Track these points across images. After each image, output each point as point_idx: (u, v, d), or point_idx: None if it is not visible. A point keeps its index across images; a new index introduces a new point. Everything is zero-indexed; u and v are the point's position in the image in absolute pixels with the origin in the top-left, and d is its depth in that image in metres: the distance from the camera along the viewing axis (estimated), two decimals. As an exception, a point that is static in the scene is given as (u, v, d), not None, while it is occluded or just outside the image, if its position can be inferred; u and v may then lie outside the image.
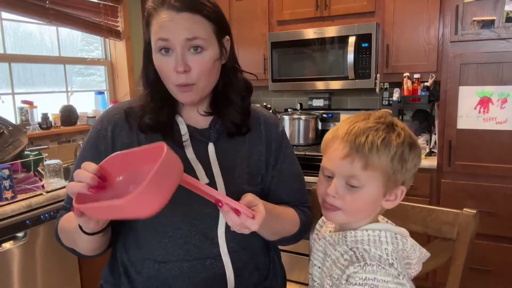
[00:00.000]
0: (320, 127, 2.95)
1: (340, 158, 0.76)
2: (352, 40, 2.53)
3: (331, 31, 2.62)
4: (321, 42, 2.66)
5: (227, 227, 0.87)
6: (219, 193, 0.77)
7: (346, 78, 2.61)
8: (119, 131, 0.91)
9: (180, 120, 0.93)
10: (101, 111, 2.96)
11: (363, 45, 2.53)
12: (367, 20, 2.55)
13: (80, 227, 0.76)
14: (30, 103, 2.58)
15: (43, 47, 2.79)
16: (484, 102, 2.09)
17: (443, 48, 2.27)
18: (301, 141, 2.88)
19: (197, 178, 0.86)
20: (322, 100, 3.07)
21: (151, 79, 0.90)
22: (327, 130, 2.99)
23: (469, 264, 0.99)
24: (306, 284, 1.52)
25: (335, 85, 2.68)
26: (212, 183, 0.88)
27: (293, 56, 2.77)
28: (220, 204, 0.75)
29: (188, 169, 0.87)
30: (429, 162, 2.28)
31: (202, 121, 0.94)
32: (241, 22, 2.99)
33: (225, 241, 0.88)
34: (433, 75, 2.41)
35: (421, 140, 2.42)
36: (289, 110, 3.14)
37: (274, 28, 2.89)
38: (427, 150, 2.37)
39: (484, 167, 2.12)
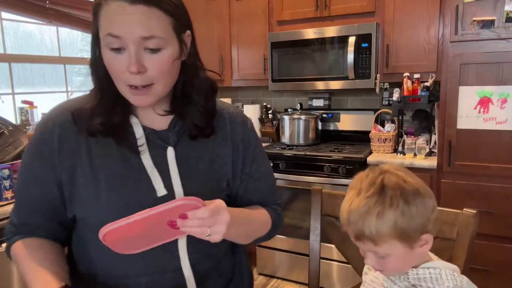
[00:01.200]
0: (320, 127, 2.95)
1: (355, 240, 0.81)
2: (352, 40, 2.53)
3: (331, 31, 2.62)
4: (321, 42, 2.66)
5: (189, 237, 0.81)
6: (155, 208, 0.67)
7: (346, 78, 2.61)
8: (66, 134, 0.80)
9: (134, 121, 0.83)
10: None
11: (363, 45, 2.53)
12: (367, 20, 2.55)
13: None
14: (30, 103, 2.58)
15: (43, 47, 2.79)
16: (484, 102, 2.09)
17: (443, 48, 2.27)
18: (301, 141, 2.88)
19: (153, 188, 0.80)
20: (322, 100, 3.07)
21: (101, 75, 0.79)
22: (327, 130, 2.97)
23: (469, 264, 0.99)
24: (306, 284, 1.52)
25: (335, 85, 2.68)
26: (171, 194, 0.80)
27: (293, 56, 2.77)
28: (174, 224, 0.69)
29: (144, 178, 0.80)
30: (429, 162, 2.28)
31: (160, 122, 0.84)
32: (241, 22, 2.99)
33: (187, 253, 0.82)
34: (433, 75, 2.41)
35: (421, 140, 2.42)
36: (289, 110, 3.14)
37: (274, 28, 2.89)
38: (427, 150, 2.37)
39: (484, 167, 2.12)
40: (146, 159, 0.81)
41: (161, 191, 0.80)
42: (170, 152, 0.83)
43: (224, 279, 0.93)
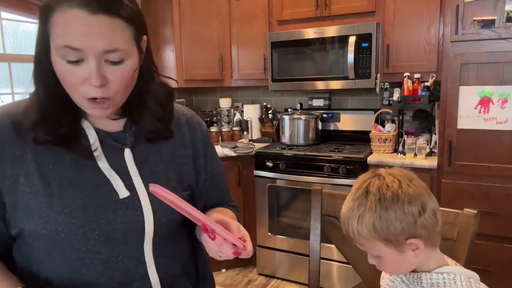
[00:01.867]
0: (320, 127, 2.95)
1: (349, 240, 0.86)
2: (352, 40, 2.53)
3: (331, 31, 2.62)
4: (321, 42, 2.66)
5: (155, 243, 0.79)
6: (212, 221, 0.69)
7: (346, 78, 2.61)
8: (7, 141, 0.73)
9: (86, 125, 0.77)
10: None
11: (363, 45, 2.53)
12: (367, 20, 2.55)
13: None
14: (30, 103, 2.58)
15: (43, 47, 2.79)
16: (485, 102, 2.09)
17: (443, 48, 2.26)
18: (301, 141, 2.88)
19: (114, 191, 0.76)
20: (322, 100, 3.07)
21: (46, 83, 0.72)
22: (327, 130, 2.98)
23: (469, 264, 0.99)
24: (306, 284, 1.52)
25: (335, 85, 2.67)
26: (134, 195, 0.77)
27: (293, 56, 2.77)
28: (211, 235, 0.69)
29: (103, 181, 0.75)
30: (430, 162, 2.27)
31: (114, 124, 0.80)
32: (241, 22, 2.98)
33: (153, 258, 0.79)
34: (433, 75, 2.40)
35: (421, 140, 2.42)
36: (289, 110, 3.14)
37: (274, 28, 2.88)
38: (428, 150, 2.37)
39: (485, 167, 2.12)
40: (102, 163, 0.77)
41: (123, 192, 0.76)
42: (128, 153, 0.79)
43: (191, 283, 0.91)
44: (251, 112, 3.22)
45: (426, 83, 2.43)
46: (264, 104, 3.18)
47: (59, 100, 0.73)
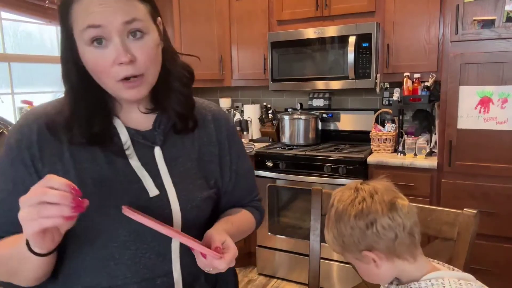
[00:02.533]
0: (320, 127, 2.95)
1: None
2: (352, 40, 2.52)
3: (331, 31, 2.61)
4: (321, 42, 2.66)
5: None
6: (183, 236, 0.71)
7: (346, 78, 2.61)
8: (45, 140, 0.76)
9: (118, 123, 0.80)
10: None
11: (363, 45, 2.53)
12: (367, 20, 2.55)
13: (30, 250, 0.65)
14: (30, 103, 2.58)
15: (43, 47, 2.79)
16: (485, 102, 2.09)
17: (443, 48, 2.26)
18: (301, 141, 2.88)
19: (144, 189, 0.78)
20: (322, 100, 3.07)
21: (75, 82, 0.75)
22: (327, 130, 2.97)
23: (469, 264, 0.99)
24: (306, 284, 1.52)
25: (335, 85, 2.67)
26: (163, 194, 0.79)
27: (293, 56, 2.77)
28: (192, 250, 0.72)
29: (134, 179, 0.78)
30: (430, 162, 2.27)
31: (144, 122, 0.83)
32: (241, 22, 2.98)
33: (179, 255, 0.81)
34: (433, 75, 2.40)
35: (421, 140, 2.42)
36: (289, 110, 3.14)
37: (274, 28, 2.88)
38: (428, 150, 2.37)
39: (485, 167, 2.12)
40: (134, 161, 0.79)
41: (153, 191, 0.78)
42: (158, 152, 0.81)
43: (210, 283, 0.92)
44: (251, 112, 3.22)
45: (426, 83, 2.43)
46: (264, 104, 3.18)
47: (89, 99, 0.75)
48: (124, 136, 0.79)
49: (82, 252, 0.77)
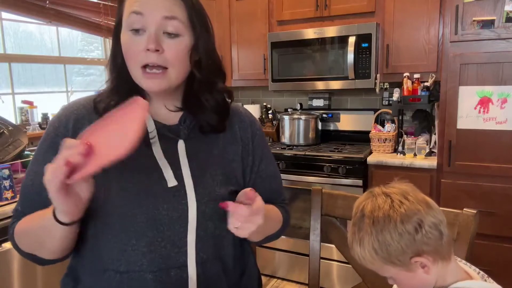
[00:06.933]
0: (320, 127, 2.95)
1: None
2: (352, 40, 2.53)
3: (331, 31, 2.62)
4: (321, 42, 2.66)
5: (198, 235, 0.82)
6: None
7: (346, 78, 2.61)
8: (82, 125, 0.81)
9: (147, 116, 0.84)
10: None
11: (363, 45, 2.53)
12: (367, 20, 2.55)
13: (56, 220, 0.70)
14: (30, 103, 2.58)
15: (43, 47, 2.79)
16: (484, 102, 2.09)
17: (443, 48, 2.27)
18: (301, 141, 2.88)
19: (164, 179, 0.80)
20: (322, 100, 3.07)
21: (119, 65, 0.82)
22: (327, 130, 2.97)
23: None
24: (306, 284, 1.52)
25: (335, 85, 2.68)
26: (181, 185, 0.81)
27: (293, 56, 2.77)
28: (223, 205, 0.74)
29: (155, 168, 0.81)
30: (429, 162, 2.28)
31: (171, 118, 0.86)
32: (241, 22, 2.99)
33: (195, 249, 0.82)
34: (433, 75, 2.41)
35: (421, 140, 2.42)
36: (289, 110, 3.14)
37: (274, 28, 2.89)
38: (427, 150, 2.37)
39: (484, 167, 2.12)
40: (157, 151, 0.82)
41: (171, 181, 0.81)
42: (181, 144, 0.84)
43: (231, 282, 0.91)
44: (251, 112, 3.22)
45: (426, 83, 2.43)
46: (264, 104, 3.18)
47: (127, 87, 0.82)
48: (151, 127, 0.83)
49: (104, 233, 0.80)
